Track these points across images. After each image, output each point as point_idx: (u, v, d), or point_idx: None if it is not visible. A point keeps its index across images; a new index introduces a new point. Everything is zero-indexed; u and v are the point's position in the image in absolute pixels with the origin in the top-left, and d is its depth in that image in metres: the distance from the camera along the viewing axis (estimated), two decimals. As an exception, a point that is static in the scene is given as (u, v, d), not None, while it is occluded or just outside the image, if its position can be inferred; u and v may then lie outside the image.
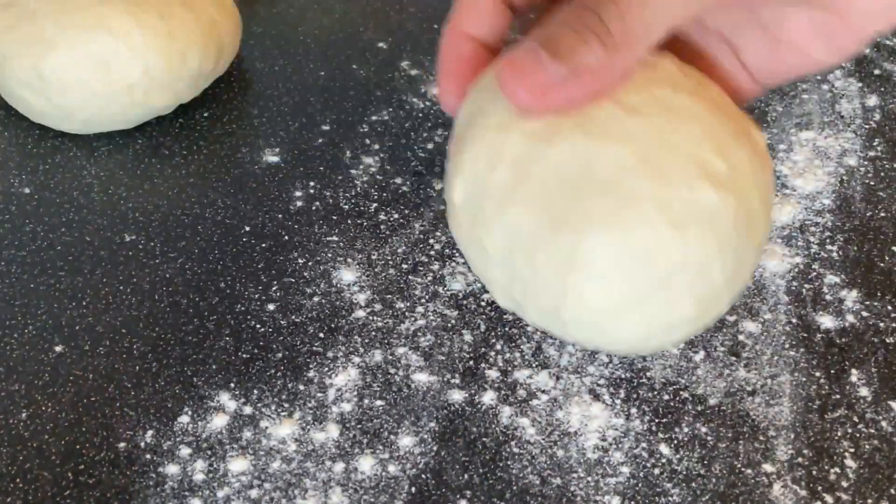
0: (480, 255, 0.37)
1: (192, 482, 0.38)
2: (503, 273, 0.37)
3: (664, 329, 0.36)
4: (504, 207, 0.36)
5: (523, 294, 0.37)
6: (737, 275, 0.36)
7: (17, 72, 0.50)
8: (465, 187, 0.37)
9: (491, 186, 0.36)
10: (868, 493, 0.38)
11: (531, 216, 0.35)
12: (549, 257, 0.35)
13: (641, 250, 0.34)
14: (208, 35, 0.52)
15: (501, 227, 0.36)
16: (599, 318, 0.36)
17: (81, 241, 0.47)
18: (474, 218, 0.37)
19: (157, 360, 0.42)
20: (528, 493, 0.38)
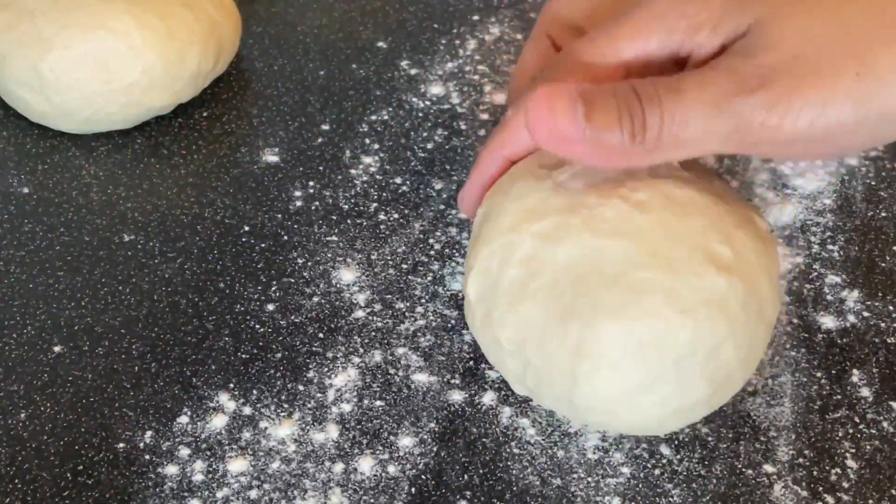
0: (494, 347, 0.38)
1: (191, 483, 0.38)
2: (516, 363, 0.38)
3: (679, 412, 0.36)
4: (516, 303, 0.37)
5: (536, 383, 0.37)
6: (750, 354, 0.37)
7: (15, 71, 0.50)
8: (478, 284, 0.38)
9: (503, 283, 0.37)
10: (869, 494, 0.38)
11: (542, 309, 0.36)
12: (560, 346, 0.36)
13: (650, 337, 0.35)
14: (208, 35, 0.52)
15: (514, 320, 0.37)
16: (611, 405, 0.36)
17: (80, 241, 0.47)
18: (488, 312, 0.38)
19: (156, 360, 0.42)
20: (528, 493, 0.38)
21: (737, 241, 0.37)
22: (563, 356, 0.36)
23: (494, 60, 0.58)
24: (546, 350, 0.36)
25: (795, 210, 0.49)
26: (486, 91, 0.56)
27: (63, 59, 0.49)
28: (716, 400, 0.37)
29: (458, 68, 0.57)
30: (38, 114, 0.51)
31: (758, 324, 0.37)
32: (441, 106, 0.55)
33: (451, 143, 0.52)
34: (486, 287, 0.38)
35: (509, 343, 0.37)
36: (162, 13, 0.51)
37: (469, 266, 0.39)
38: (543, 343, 0.36)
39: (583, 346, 0.35)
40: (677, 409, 0.36)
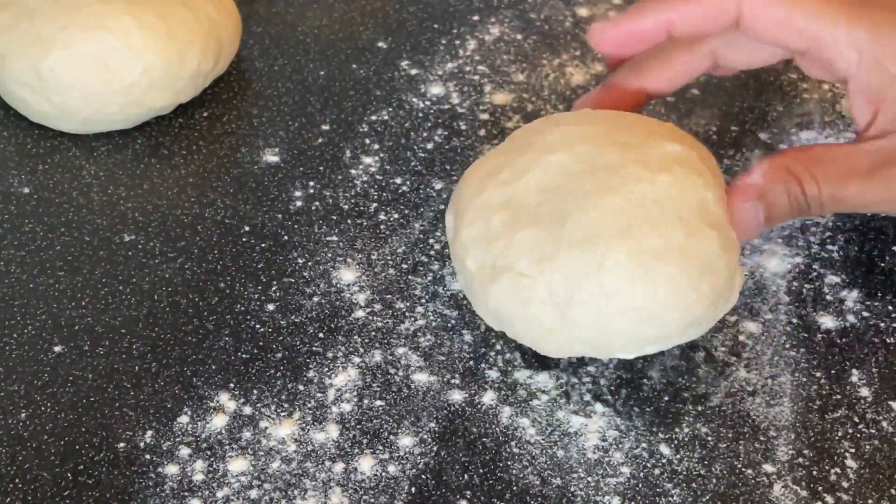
0: (515, 290, 0.40)
1: (191, 482, 0.38)
2: (542, 288, 0.39)
3: (700, 269, 0.39)
4: (516, 233, 0.40)
5: (567, 298, 0.39)
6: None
7: (15, 71, 0.50)
8: (474, 253, 0.41)
9: (494, 231, 0.40)
10: (869, 494, 0.38)
11: (541, 228, 0.39)
12: (577, 245, 0.39)
13: (647, 198, 0.39)
14: (208, 35, 0.52)
15: (521, 247, 0.39)
16: (639, 285, 0.38)
17: (80, 241, 0.47)
18: (494, 264, 0.40)
19: (156, 360, 0.42)
20: (528, 493, 0.38)
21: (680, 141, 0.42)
22: (586, 251, 0.39)
23: (494, 60, 0.58)
24: (565, 255, 0.39)
25: (795, 210, 0.49)
26: (486, 91, 0.56)
27: (63, 59, 0.49)
28: (728, 255, 0.40)
29: (458, 68, 0.57)
30: (39, 114, 0.51)
31: (718, 188, 0.41)
32: (441, 106, 0.55)
33: (451, 143, 0.52)
34: (482, 249, 0.40)
35: (530, 269, 0.39)
36: (162, 13, 0.51)
37: (457, 251, 0.42)
38: (560, 252, 0.39)
39: (596, 236, 0.39)
40: (698, 266, 0.39)
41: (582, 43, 0.59)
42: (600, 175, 0.40)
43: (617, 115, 0.44)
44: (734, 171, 0.51)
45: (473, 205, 0.42)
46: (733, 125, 0.54)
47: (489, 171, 0.43)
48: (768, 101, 0.55)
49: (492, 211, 0.41)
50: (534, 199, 0.40)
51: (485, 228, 0.41)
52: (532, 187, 0.40)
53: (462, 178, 0.44)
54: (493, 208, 0.41)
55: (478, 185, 0.42)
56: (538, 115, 0.54)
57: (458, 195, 0.43)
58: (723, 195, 0.41)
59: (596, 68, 0.57)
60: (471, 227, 0.41)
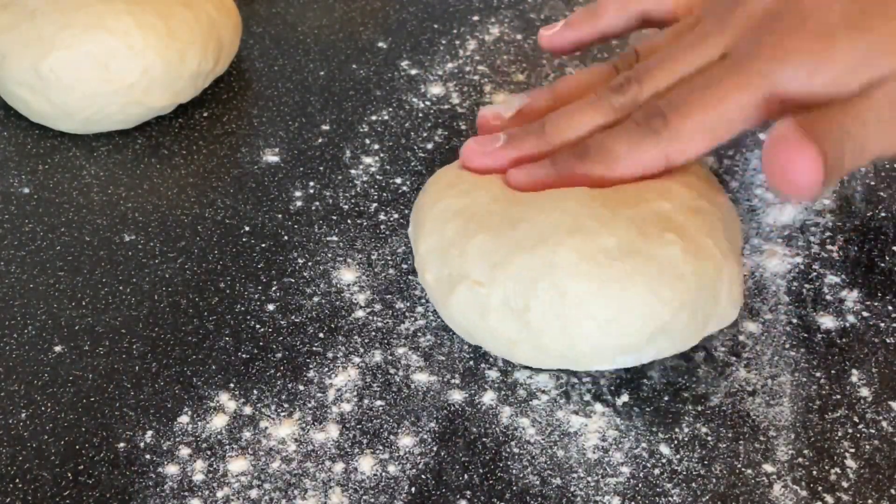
0: (472, 300, 0.40)
1: (191, 482, 0.38)
2: (497, 296, 0.39)
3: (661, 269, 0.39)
4: (467, 241, 0.40)
5: (524, 305, 0.39)
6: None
7: (16, 71, 0.50)
8: (432, 265, 0.41)
9: (447, 240, 0.41)
10: (868, 494, 0.38)
11: (494, 234, 0.40)
12: (532, 257, 0.39)
13: (599, 212, 0.40)
14: (208, 35, 0.52)
15: (475, 254, 0.40)
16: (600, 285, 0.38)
17: (81, 241, 0.47)
18: (449, 274, 0.40)
19: (156, 360, 0.42)
20: (528, 493, 0.38)
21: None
22: (536, 252, 0.39)
23: (494, 60, 0.58)
24: (517, 259, 0.39)
25: (795, 210, 0.49)
26: (486, 91, 0.56)
27: (63, 59, 0.49)
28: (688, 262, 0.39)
29: (458, 68, 0.57)
30: (39, 114, 0.51)
31: (691, 200, 0.41)
32: (441, 106, 0.55)
33: (451, 143, 0.52)
34: (439, 260, 0.41)
35: (484, 276, 0.39)
36: (162, 13, 0.51)
37: (419, 265, 0.42)
38: (511, 257, 0.39)
39: (546, 237, 0.39)
40: (654, 267, 0.38)
41: (582, 43, 0.59)
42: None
43: None
44: (734, 170, 0.51)
45: (430, 215, 0.42)
46: (733, 125, 0.54)
47: (448, 182, 0.43)
48: (768, 101, 0.55)
49: (447, 220, 0.41)
50: (487, 207, 0.41)
51: (440, 239, 0.41)
52: (486, 197, 0.41)
53: (422, 189, 0.44)
54: (448, 218, 0.41)
55: (435, 196, 0.43)
56: (538, 115, 0.54)
57: (417, 207, 0.44)
58: (700, 208, 0.40)
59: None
60: (428, 239, 0.42)
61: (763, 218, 0.48)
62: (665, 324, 0.38)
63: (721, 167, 0.51)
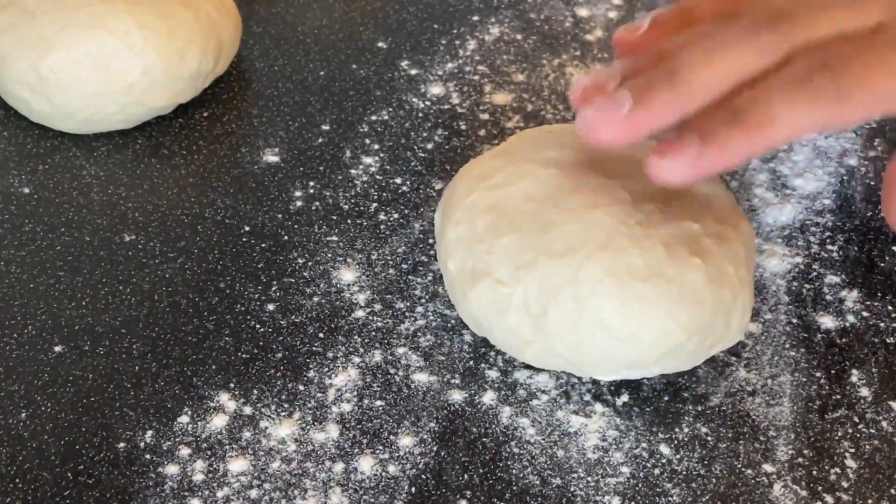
0: (493, 299, 0.40)
1: (191, 482, 0.38)
2: (518, 296, 0.39)
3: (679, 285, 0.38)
4: (497, 240, 0.40)
5: (542, 309, 0.39)
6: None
7: (16, 71, 0.50)
8: (456, 254, 0.41)
9: (478, 234, 0.40)
10: (868, 494, 0.38)
11: (522, 236, 0.40)
12: (558, 264, 0.39)
13: (631, 219, 0.40)
14: (208, 35, 0.52)
15: (501, 255, 0.40)
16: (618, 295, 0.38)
17: (81, 241, 0.47)
18: (473, 268, 0.40)
19: (156, 360, 0.42)
20: (528, 493, 0.38)
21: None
22: (563, 261, 0.39)
23: (494, 60, 0.58)
24: (542, 264, 0.39)
25: (795, 210, 0.49)
26: (486, 91, 0.56)
27: (63, 59, 0.49)
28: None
29: (458, 68, 0.57)
30: (39, 114, 0.51)
31: (716, 224, 0.40)
32: (441, 106, 0.55)
33: (451, 143, 0.52)
34: (464, 251, 0.41)
35: (507, 276, 0.39)
36: (162, 13, 0.51)
37: (442, 251, 0.42)
38: (537, 261, 0.39)
39: (575, 248, 0.39)
40: (676, 291, 0.38)
41: (582, 43, 0.59)
42: (588, 192, 0.40)
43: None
44: (734, 170, 0.51)
45: (462, 205, 0.42)
46: (733, 125, 0.54)
47: (481, 173, 0.43)
48: (768, 101, 0.55)
49: (478, 213, 0.41)
50: (520, 206, 0.40)
51: (470, 230, 0.41)
52: (520, 195, 0.41)
53: (455, 177, 0.44)
54: (479, 211, 0.41)
55: (468, 186, 0.42)
56: (538, 115, 0.54)
57: (448, 194, 0.44)
58: (724, 234, 0.40)
59: (596, 68, 0.57)
60: (457, 227, 0.41)
61: (763, 218, 0.48)
62: (677, 346, 0.38)
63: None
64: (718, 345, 0.40)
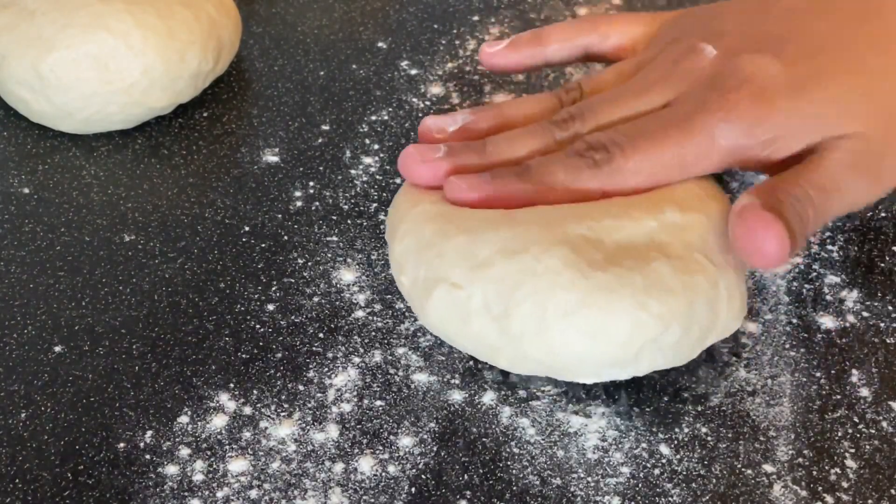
0: (452, 305, 0.39)
1: (191, 482, 0.38)
2: (477, 299, 0.39)
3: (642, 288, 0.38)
4: (446, 242, 0.40)
5: (504, 311, 0.38)
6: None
7: (16, 71, 0.50)
8: (408, 269, 0.41)
9: (425, 240, 0.40)
10: (868, 494, 0.38)
11: (472, 237, 0.39)
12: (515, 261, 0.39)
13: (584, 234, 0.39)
14: (208, 35, 0.52)
15: (454, 257, 0.39)
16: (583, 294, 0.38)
17: (81, 241, 0.47)
18: (425, 277, 0.40)
19: (156, 360, 0.42)
20: (528, 493, 0.38)
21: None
22: (519, 257, 0.38)
23: (494, 60, 0.58)
24: (498, 262, 0.38)
25: (795, 210, 0.49)
26: (486, 91, 0.56)
27: (63, 59, 0.49)
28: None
29: (458, 68, 0.57)
30: (39, 114, 0.51)
31: (683, 214, 0.40)
32: (441, 106, 0.55)
33: (451, 143, 0.52)
34: (414, 262, 0.40)
35: (462, 278, 0.39)
36: (162, 13, 0.51)
37: (394, 268, 0.42)
38: (492, 259, 0.38)
39: (529, 242, 0.38)
40: (640, 279, 0.38)
41: (582, 43, 0.59)
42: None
43: None
44: (734, 170, 0.51)
45: (407, 217, 0.41)
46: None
47: (421, 189, 0.43)
48: (768, 101, 0.55)
49: (425, 222, 0.41)
50: (467, 212, 0.40)
51: (417, 239, 0.40)
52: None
53: (397, 195, 0.44)
54: (426, 219, 0.41)
55: (413, 199, 0.42)
56: (538, 115, 0.54)
57: (393, 208, 0.43)
58: (689, 223, 0.40)
59: (595, 68, 0.57)
60: (404, 239, 0.41)
61: (763, 218, 0.48)
62: (655, 337, 0.38)
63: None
64: (711, 336, 0.39)
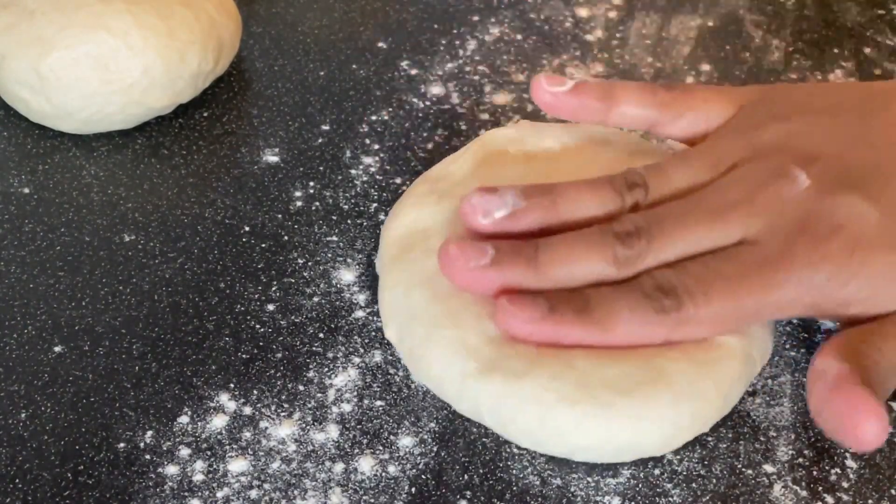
0: (447, 380, 0.39)
1: (191, 483, 0.38)
2: (470, 382, 0.38)
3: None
4: (433, 326, 0.39)
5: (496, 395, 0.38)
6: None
7: (15, 71, 0.50)
8: (394, 324, 0.40)
9: (414, 308, 0.40)
10: (869, 494, 0.38)
11: (460, 329, 0.39)
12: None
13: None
14: (208, 34, 0.52)
15: (439, 344, 0.39)
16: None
17: (81, 241, 0.47)
18: (412, 349, 0.40)
19: (156, 360, 0.42)
20: (528, 493, 0.38)
21: None
22: (518, 391, 0.37)
23: (494, 61, 0.58)
24: (499, 388, 0.37)
25: (795, 210, 0.49)
26: (486, 91, 0.56)
27: (63, 60, 0.49)
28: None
29: (458, 68, 0.57)
30: (39, 114, 0.51)
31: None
32: (441, 106, 0.55)
33: (451, 143, 0.52)
34: (402, 323, 0.40)
35: (450, 382, 0.38)
36: (162, 13, 0.51)
37: (381, 307, 0.42)
38: (491, 377, 0.37)
39: (531, 362, 0.37)
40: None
41: (582, 43, 0.59)
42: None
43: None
44: (734, 171, 0.51)
45: (396, 267, 0.41)
46: (733, 125, 0.54)
47: (418, 221, 0.43)
48: (768, 101, 0.55)
49: (413, 282, 0.40)
50: (457, 291, 0.39)
51: (405, 298, 0.40)
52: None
53: (391, 213, 0.44)
54: (414, 280, 0.40)
55: (402, 242, 0.42)
56: (538, 115, 0.54)
57: (384, 239, 0.43)
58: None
59: (596, 69, 0.57)
60: (392, 291, 0.41)
61: (763, 218, 0.48)
62: (688, 438, 0.38)
63: (721, 167, 0.51)
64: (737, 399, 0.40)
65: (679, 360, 0.37)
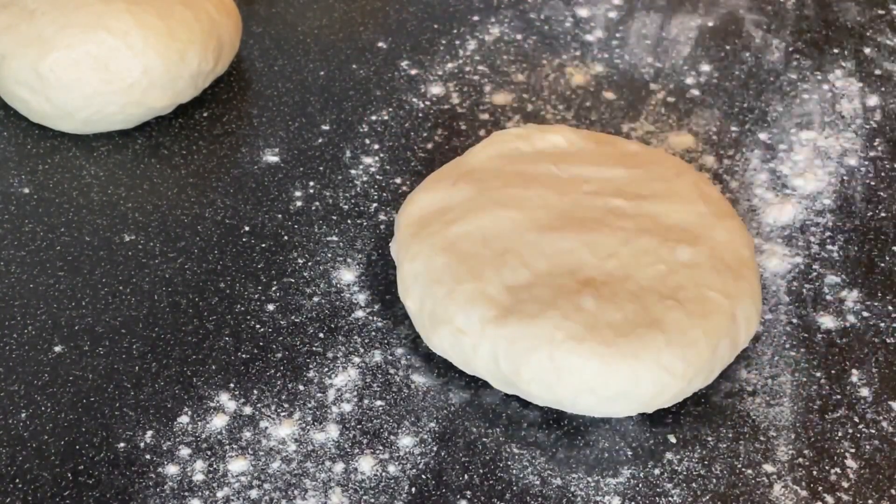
0: (458, 343, 0.39)
1: (191, 482, 0.38)
2: (484, 350, 0.39)
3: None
4: (457, 285, 0.40)
5: (512, 363, 0.39)
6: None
7: (16, 71, 0.50)
8: (414, 291, 0.41)
9: (434, 272, 0.40)
10: (869, 494, 0.38)
11: (481, 285, 0.39)
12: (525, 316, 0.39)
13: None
14: (208, 35, 0.52)
15: (461, 302, 0.39)
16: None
17: (81, 241, 0.47)
18: (433, 311, 0.40)
19: (156, 360, 0.42)
20: (528, 493, 0.38)
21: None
22: (534, 322, 0.38)
23: (494, 61, 0.58)
24: (516, 329, 0.38)
25: (795, 210, 0.49)
26: (486, 91, 0.56)
27: (63, 60, 0.49)
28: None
29: (458, 68, 0.57)
30: (39, 114, 0.51)
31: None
32: (441, 106, 0.55)
33: (451, 143, 0.52)
34: (422, 290, 0.40)
35: (469, 328, 0.39)
36: (162, 13, 0.51)
37: (400, 284, 0.42)
38: (506, 321, 0.38)
39: (545, 306, 0.39)
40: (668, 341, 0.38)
41: (582, 43, 0.59)
42: (549, 242, 0.41)
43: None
44: (734, 170, 0.51)
45: (415, 242, 0.42)
46: (733, 125, 0.54)
47: (434, 202, 0.43)
48: (768, 102, 0.55)
49: (435, 251, 0.41)
50: (478, 250, 0.40)
51: (426, 267, 0.41)
52: (478, 237, 0.41)
53: (405, 202, 0.44)
54: (436, 248, 0.41)
55: (419, 221, 0.42)
56: (538, 115, 0.54)
57: (400, 222, 0.43)
58: (695, 262, 0.40)
59: (596, 69, 0.57)
60: (413, 262, 0.41)
61: (763, 218, 0.48)
62: (679, 391, 0.39)
63: (721, 167, 0.51)
64: (729, 359, 0.40)
65: (674, 309, 0.38)
